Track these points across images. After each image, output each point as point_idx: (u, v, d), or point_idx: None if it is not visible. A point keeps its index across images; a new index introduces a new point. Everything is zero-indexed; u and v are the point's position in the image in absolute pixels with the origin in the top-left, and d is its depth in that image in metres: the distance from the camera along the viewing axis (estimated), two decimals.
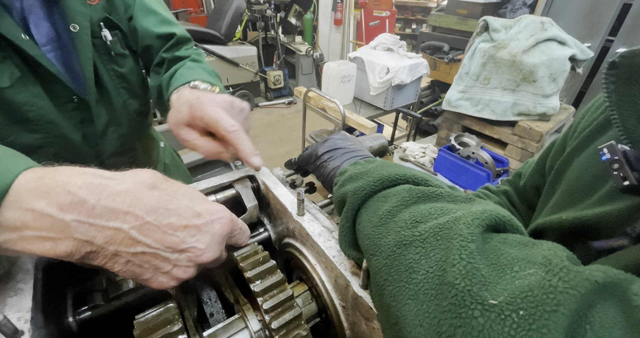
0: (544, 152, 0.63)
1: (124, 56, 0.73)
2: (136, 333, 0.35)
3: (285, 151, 3.61)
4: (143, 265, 0.33)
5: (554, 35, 1.65)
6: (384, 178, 0.38)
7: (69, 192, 0.29)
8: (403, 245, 0.30)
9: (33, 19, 0.59)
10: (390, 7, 5.29)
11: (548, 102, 1.70)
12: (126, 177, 0.33)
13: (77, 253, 0.30)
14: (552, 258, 0.23)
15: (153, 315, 0.37)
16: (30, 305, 0.33)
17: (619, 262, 0.32)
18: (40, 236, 0.29)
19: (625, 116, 0.35)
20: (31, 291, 0.34)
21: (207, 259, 0.36)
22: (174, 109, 0.54)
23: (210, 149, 0.50)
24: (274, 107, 4.60)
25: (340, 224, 0.39)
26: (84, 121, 0.69)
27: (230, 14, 3.69)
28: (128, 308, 0.45)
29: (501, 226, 0.29)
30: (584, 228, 0.40)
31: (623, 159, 0.33)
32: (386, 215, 0.33)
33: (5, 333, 0.30)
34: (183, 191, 0.37)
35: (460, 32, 2.98)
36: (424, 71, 2.32)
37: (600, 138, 0.46)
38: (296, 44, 4.61)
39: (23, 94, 0.58)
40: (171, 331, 0.35)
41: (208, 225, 0.36)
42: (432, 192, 0.35)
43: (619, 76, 0.36)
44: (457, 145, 1.74)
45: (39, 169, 0.31)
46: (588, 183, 0.44)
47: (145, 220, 0.32)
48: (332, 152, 0.51)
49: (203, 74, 0.66)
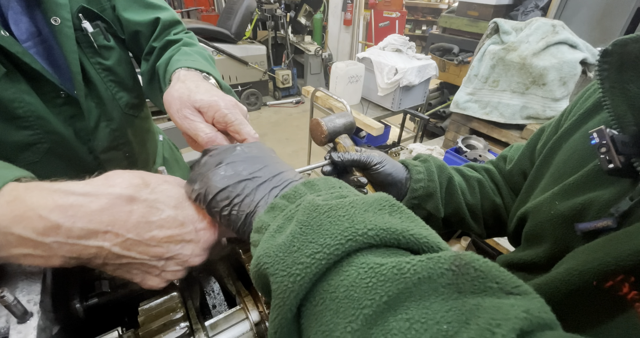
0: (533, 137, 0.63)
1: (108, 47, 0.69)
2: (140, 320, 0.36)
3: (291, 150, 3.62)
4: (131, 271, 0.34)
5: (565, 38, 1.63)
6: (338, 245, 0.23)
7: (40, 217, 0.29)
8: None
9: (11, 14, 0.56)
10: (401, 8, 5.27)
11: (558, 106, 1.68)
12: (100, 191, 0.31)
13: (69, 264, 0.32)
14: None
15: (157, 303, 0.38)
16: (39, 289, 0.34)
17: (609, 253, 0.32)
18: (29, 254, 0.30)
19: (616, 102, 0.37)
20: (41, 275, 0.36)
21: (195, 263, 0.36)
22: (182, 84, 0.51)
23: (211, 136, 0.46)
24: (282, 107, 4.62)
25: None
26: (74, 117, 0.67)
27: (240, 13, 3.72)
28: (133, 296, 0.46)
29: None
30: (573, 213, 0.41)
31: (610, 143, 0.34)
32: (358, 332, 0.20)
33: (16, 314, 0.31)
34: (164, 197, 0.35)
35: (470, 34, 2.95)
36: (432, 72, 2.31)
37: (589, 122, 0.47)
38: (305, 44, 4.63)
39: (11, 91, 0.56)
40: (174, 318, 0.36)
41: (192, 234, 0.35)
42: (435, 273, 0.20)
43: (611, 63, 0.37)
44: (464, 147, 1.73)
45: (10, 190, 0.30)
46: (575, 165, 0.45)
47: (126, 237, 0.31)
48: (234, 187, 0.33)
49: (200, 62, 0.63)
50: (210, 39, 3.61)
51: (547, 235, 0.46)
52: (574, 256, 0.38)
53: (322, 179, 0.32)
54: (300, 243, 0.24)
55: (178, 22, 0.76)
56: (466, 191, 0.66)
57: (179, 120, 0.47)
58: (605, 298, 0.33)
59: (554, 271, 0.39)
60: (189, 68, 0.60)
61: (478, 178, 0.69)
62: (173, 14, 0.76)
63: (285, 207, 0.29)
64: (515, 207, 0.59)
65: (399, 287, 0.20)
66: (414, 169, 0.62)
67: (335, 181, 0.32)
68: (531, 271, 0.49)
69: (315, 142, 0.68)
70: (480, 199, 0.67)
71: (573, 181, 0.43)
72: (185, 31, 0.78)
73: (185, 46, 0.71)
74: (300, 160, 3.38)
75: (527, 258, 0.49)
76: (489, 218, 0.69)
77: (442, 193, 0.62)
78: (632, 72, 0.36)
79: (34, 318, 0.32)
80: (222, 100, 0.48)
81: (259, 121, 4.18)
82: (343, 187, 0.32)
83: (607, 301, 0.33)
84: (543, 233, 0.47)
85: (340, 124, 0.64)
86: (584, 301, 0.35)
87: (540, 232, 0.48)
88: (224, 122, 0.47)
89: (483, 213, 0.68)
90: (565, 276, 0.36)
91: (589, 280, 0.33)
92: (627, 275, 0.31)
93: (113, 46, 0.70)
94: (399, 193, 0.62)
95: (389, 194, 0.29)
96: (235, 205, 0.32)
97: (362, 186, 0.58)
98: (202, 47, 0.74)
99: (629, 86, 0.36)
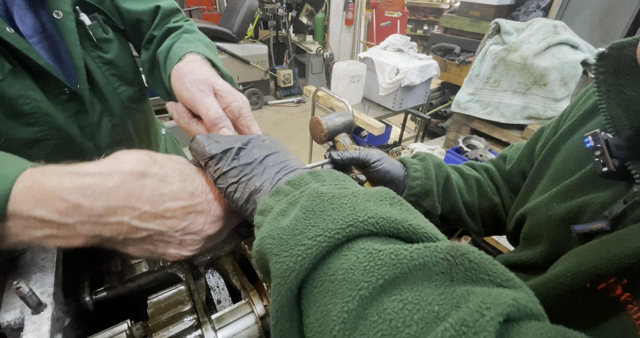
0: (533, 138, 0.63)
1: (108, 40, 0.68)
2: (150, 312, 0.37)
3: (293, 149, 3.63)
4: (153, 243, 0.35)
5: (566, 39, 1.64)
6: (339, 229, 0.24)
7: (61, 199, 0.30)
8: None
9: (17, 10, 0.56)
10: (402, 8, 5.27)
11: (559, 106, 1.69)
12: (112, 169, 0.33)
13: (91, 243, 0.33)
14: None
15: (165, 296, 0.39)
16: (52, 281, 0.35)
17: (602, 255, 0.33)
18: (52, 235, 0.31)
19: (612, 105, 0.37)
20: (54, 268, 0.37)
21: (210, 232, 0.37)
22: (196, 64, 0.52)
23: (221, 116, 0.46)
24: (283, 106, 4.63)
25: (271, 325, 0.25)
26: (79, 113, 0.67)
27: (242, 12, 3.73)
28: (141, 290, 0.47)
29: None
30: (569, 215, 0.42)
31: (605, 147, 0.35)
32: (352, 317, 0.20)
33: (30, 305, 0.32)
34: (173, 171, 0.36)
35: (472, 34, 2.96)
36: (434, 72, 2.32)
37: (588, 124, 0.47)
38: (307, 43, 4.63)
39: (16, 87, 0.56)
40: (182, 311, 0.37)
41: (203, 204, 0.36)
42: (431, 261, 0.21)
43: (607, 66, 0.37)
44: (465, 147, 1.74)
45: (28, 176, 0.31)
46: (573, 167, 0.45)
47: (142, 210, 0.32)
48: (244, 167, 0.35)
49: (202, 48, 0.63)
50: (212, 39, 3.60)
51: (544, 235, 0.47)
52: (569, 258, 0.38)
53: (327, 171, 0.34)
54: (303, 226, 0.25)
55: (178, 10, 0.76)
56: (463, 190, 0.66)
57: (192, 89, 0.47)
58: (598, 300, 0.34)
59: (549, 273, 0.39)
60: (197, 53, 0.60)
61: (476, 177, 0.69)
62: (172, 2, 0.75)
63: (289, 192, 0.30)
64: (514, 207, 0.59)
65: (395, 272, 0.21)
66: (411, 167, 0.63)
67: (339, 174, 0.34)
68: (528, 272, 0.50)
69: (315, 140, 0.69)
70: (478, 197, 0.68)
71: (570, 183, 0.44)
72: (185, 19, 0.78)
73: (185, 32, 0.71)
74: (302, 159, 3.37)
75: (525, 259, 0.50)
76: (488, 216, 0.69)
77: (439, 191, 0.63)
78: (628, 76, 0.36)
79: (47, 309, 0.33)
80: (235, 94, 0.49)
81: (260, 121, 4.20)
82: (347, 180, 0.33)
83: (601, 302, 0.33)
84: (540, 234, 0.48)
85: (339, 123, 0.65)
86: (578, 302, 0.35)
87: (538, 233, 0.48)
88: (238, 114, 0.48)
89: (481, 211, 0.68)
90: (560, 278, 0.36)
91: (582, 281, 0.34)
92: (619, 278, 0.32)
93: (112, 39, 0.69)
94: (397, 191, 0.62)
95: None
96: (242, 183, 0.34)
97: (361, 183, 0.59)
98: (202, 35, 0.74)
99: (625, 90, 0.36)
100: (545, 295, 0.38)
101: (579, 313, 0.36)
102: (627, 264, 0.31)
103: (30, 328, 0.31)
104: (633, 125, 0.36)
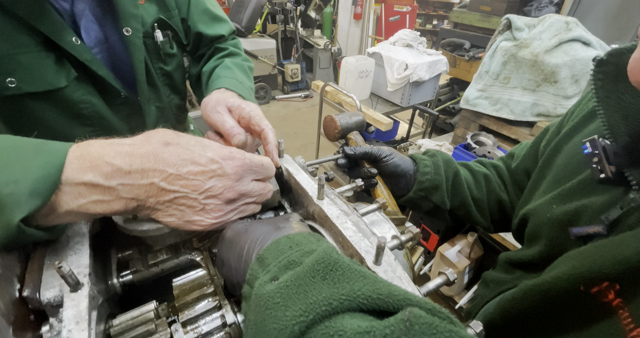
0: (538, 137, 0.64)
1: (172, 55, 0.77)
2: (175, 293, 0.39)
3: (300, 144, 3.65)
4: (179, 207, 0.39)
5: (579, 35, 1.62)
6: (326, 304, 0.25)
7: (107, 163, 0.35)
8: None
9: (84, 23, 0.62)
10: (412, 2, 5.21)
11: (569, 104, 1.68)
12: (143, 140, 0.39)
13: (127, 209, 0.37)
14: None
15: (189, 279, 0.42)
16: (87, 262, 0.38)
17: (596, 260, 0.34)
18: (97, 200, 0.35)
19: (610, 111, 0.37)
20: (88, 251, 0.40)
21: (230, 196, 0.41)
22: (220, 94, 0.61)
23: (234, 126, 0.54)
24: (291, 101, 4.64)
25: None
26: (130, 115, 0.74)
27: (251, 6, 3.74)
28: (164, 274, 0.50)
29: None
30: (568, 217, 0.43)
31: (602, 154, 0.35)
32: None
33: (70, 283, 0.35)
34: (194, 142, 0.41)
35: (482, 29, 2.93)
36: (443, 68, 2.31)
37: (590, 125, 0.48)
38: (315, 38, 4.62)
39: (79, 93, 0.62)
40: (206, 292, 0.39)
41: (221, 168, 0.40)
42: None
43: (607, 73, 0.38)
44: (473, 144, 1.74)
45: (76, 148, 0.36)
46: (573, 170, 0.46)
47: (169, 172, 0.37)
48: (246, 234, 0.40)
49: (237, 81, 0.70)
50: None
51: (544, 236, 0.48)
52: (565, 261, 0.40)
53: (273, 246, 0.34)
54: (275, 309, 0.26)
55: (233, 32, 0.87)
56: (472, 185, 0.68)
57: (211, 114, 0.56)
58: (591, 303, 0.35)
59: (545, 275, 0.41)
60: (227, 89, 0.67)
61: (485, 173, 0.71)
62: (231, 27, 0.86)
63: (247, 292, 0.32)
64: (519, 206, 0.61)
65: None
66: (421, 162, 0.64)
67: (285, 241, 0.34)
68: (528, 270, 0.52)
69: (328, 137, 0.71)
70: (487, 193, 0.69)
71: (570, 187, 0.45)
72: (232, 37, 0.88)
73: (230, 55, 0.81)
74: (309, 154, 3.41)
75: (525, 257, 0.52)
76: (495, 212, 0.71)
77: (448, 186, 0.65)
78: (627, 83, 0.36)
79: (84, 288, 0.36)
80: (247, 104, 0.59)
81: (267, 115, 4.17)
82: (294, 245, 0.33)
83: (593, 306, 0.35)
84: (541, 234, 0.49)
85: (352, 122, 0.68)
86: (572, 305, 0.37)
87: (539, 233, 0.50)
88: (248, 118, 0.56)
89: (489, 207, 0.70)
90: (555, 280, 0.38)
91: (576, 284, 0.35)
92: (612, 283, 0.33)
93: (175, 53, 0.79)
94: (407, 185, 0.65)
95: (333, 248, 0.31)
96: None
97: (373, 176, 0.62)
98: (244, 58, 0.83)
99: (624, 96, 0.36)
100: (540, 297, 0.39)
101: (572, 315, 0.37)
102: (619, 270, 0.32)
103: (70, 305, 0.34)
104: (631, 132, 0.36)
